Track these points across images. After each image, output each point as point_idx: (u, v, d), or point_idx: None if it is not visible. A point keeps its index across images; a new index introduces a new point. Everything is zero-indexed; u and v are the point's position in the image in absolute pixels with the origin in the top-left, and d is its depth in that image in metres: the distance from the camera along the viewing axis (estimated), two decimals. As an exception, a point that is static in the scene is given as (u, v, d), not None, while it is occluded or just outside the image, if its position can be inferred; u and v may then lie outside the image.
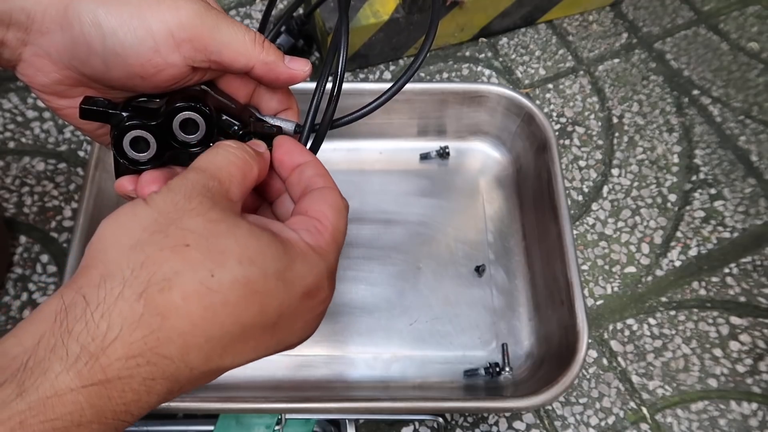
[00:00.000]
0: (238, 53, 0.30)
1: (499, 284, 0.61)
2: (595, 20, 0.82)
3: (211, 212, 0.24)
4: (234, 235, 0.23)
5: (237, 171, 0.27)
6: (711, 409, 0.57)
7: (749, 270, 0.65)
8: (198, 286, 0.22)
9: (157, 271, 0.22)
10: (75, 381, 0.20)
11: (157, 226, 0.23)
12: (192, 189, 0.25)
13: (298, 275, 0.25)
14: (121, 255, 0.22)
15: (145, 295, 0.21)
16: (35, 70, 0.30)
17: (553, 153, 0.60)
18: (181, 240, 0.22)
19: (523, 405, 0.49)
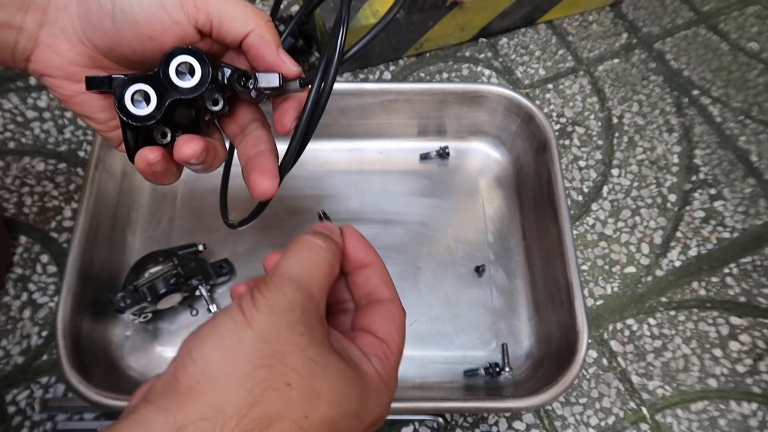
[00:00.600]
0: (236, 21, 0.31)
1: (499, 284, 0.61)
2: (595, 20, 0.82)
3: (309, 349, 0.25)
4: (327, 378, 0.25)
5: (325, 279, 0.28)
6: (711, 409, 0.57)
7: (749, 270, 0.65)
8: (293, 425, 0.24)
9: (263, 412, 0.23)
10: None
11: (262, 360, 0.24)
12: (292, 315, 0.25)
13: (371, 411, 0.27)
14: (232, 390, 0.23)
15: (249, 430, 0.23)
16: (51, 52, 0.32)
17: (552, 153, 0.60)
18: (283, 378, 0.24)
19: (523, 405, 0.49)
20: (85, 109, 0.34)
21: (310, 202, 0.64)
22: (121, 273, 0.58)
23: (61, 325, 0.50)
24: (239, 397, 0.23)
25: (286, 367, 0.24)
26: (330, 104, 0.44)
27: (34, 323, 0.59)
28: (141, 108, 0.31)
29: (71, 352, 0.50)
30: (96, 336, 0.55)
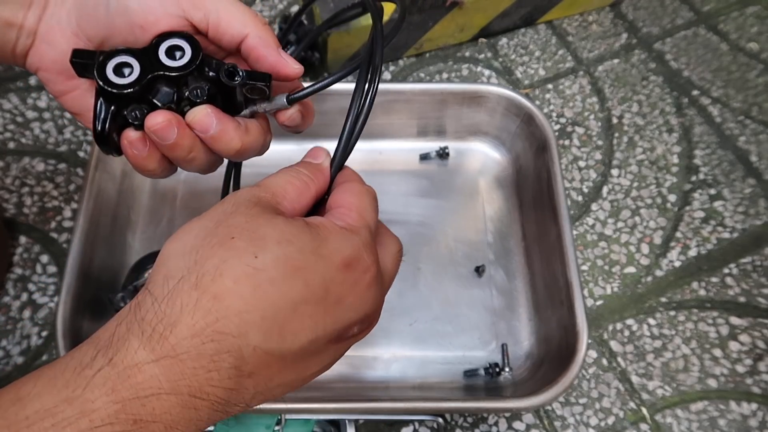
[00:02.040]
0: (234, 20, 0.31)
1: (498, 285, 0.61)
2: (595, 20, 0.82)
3: (253, 208, 0.26)
4: (271, 223, 0.26)
5: (292, 189, 0.29)
6: (711, 410, 0.57)
7: (749, 270, 0.65)
8: (245, 267, 0.24)
9: (207, 263, 0.24)
10: (150, 355, 0.23)
11: (207, 231, 0.26)
12: (241, 197, 0.27)
13: (333, 249, 0.26)
14: (179, 259, 0.25)
15: (198, 284, 0.24)
16: (46, 46, 0.32)
17: (552, 153, 0.60)
18: (227, 235, 0.25)
19: (523, 405, 0.49)
20: (78, 105, 0.34)
21: (310, 202, 0.64)
22: (121, 273, 0.58)
23: (61, 326, 0.50)
24: (185, 261, 0.25)
25: (229, 227, 0.26)
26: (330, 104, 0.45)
27: (34, 323, 0.59)
28: (121, 78, 0.30)
29: (71, 353, 0.50)
30: (96, 336, 0.55)
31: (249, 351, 0.24)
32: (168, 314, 0.23)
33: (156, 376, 0.23)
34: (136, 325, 0.23)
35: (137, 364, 0.23)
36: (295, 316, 0.25)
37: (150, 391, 0.22)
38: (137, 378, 0.22)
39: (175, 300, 0.24)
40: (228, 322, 0.24)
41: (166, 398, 0.23)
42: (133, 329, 0.23)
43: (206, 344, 0.23)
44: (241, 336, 0.24)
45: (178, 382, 0.23)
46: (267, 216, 0.26)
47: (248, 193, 0.28)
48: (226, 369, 0.24)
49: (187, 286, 0.24)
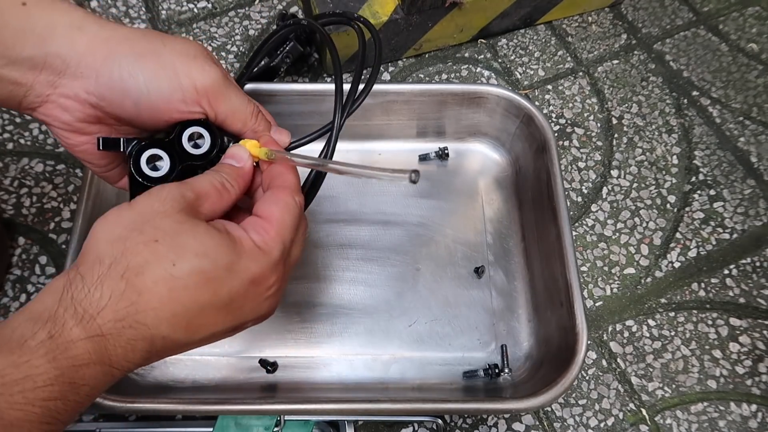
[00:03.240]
0: (238, 121, 0.37)
1: (498, 285, 0.61)
2: (595, 21, 0.82)
3: (178, 215, 0.30)
4: (193, 233, 0.30)
5: (213, 191, 0.33)
6: (710, 411, 0.57)
7: (749, 271, 0.64)
8: (164, 273, 0.29)
9: (132, 260, 0.28)
10: (82, 333, 0.27)
11: (134, 225, 0.30)
12: (168, 195, 0.31)
13: (244, 267, 0.31)
14: (108, 245, 0.29)
15: (125, 275, 0.28)
16: (61, 110, 0.35)
17: (552, 154, 0.60)
18: (152, 236, 0.29)
19: (523, 406, 0.49)
20: (87, 156, 0.37)
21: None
22: (119, 274, 0.58)
23: (59, 327, 0.50)
24: (112, 250, 0.29)
25: (156, 229, 0.29)
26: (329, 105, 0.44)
27: (32, 324, 0.58)
28: (155, 171, 0.36)
29: (70, 354, 0.50)
30: (94, 337, 0.55)
31: (159, 339, 0.29)
32: (97, 298, 0.28)
33: (87, 350, 0.28)
34: (72, 307, 0.28)
35: (73, 339, 0.27)
36: (200, 316, 0.30)
37: (82, 361, 0.27)
38: (73, 351, 0.27)
39: (104, 286, 0.28)
40: (145, 315, 0.28)
41: (93, 367, 0.28)
42: (69, 310, 0.28)
43: (126, 329, 0.28)
44: (154, 327, 0.29)
45: (103, 356, 0.28)
46: (191, 223, 0.30)
47: (176, 192, 0.31)
48: (139, 350, 0.29)
49: (114, 274, 0.28)
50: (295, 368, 0.56)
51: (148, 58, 0.34)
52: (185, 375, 0.56)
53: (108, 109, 0.35)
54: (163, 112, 0.35)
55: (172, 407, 0.49)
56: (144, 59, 0.34)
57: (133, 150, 0.35)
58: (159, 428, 0.54)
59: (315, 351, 0.57)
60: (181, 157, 0.36)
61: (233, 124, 0.37)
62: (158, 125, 0.36)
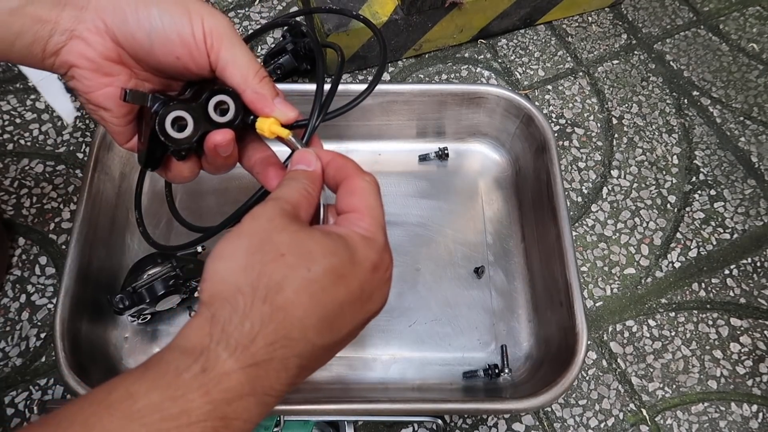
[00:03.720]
0: (237, 73, 0.36)
1: (498, 286, 0.61)
2: (595, 21, 0.82)
3: (291, 226, 0.31)
4: (313, 239, 0.30)
5: (305, 200, 0.34)
6: (711, 411, 0.57)
7: (749, 271, 0.64)
8: (302, 281, 0.29)
9: (269, 280, 0.29)
10: (235, 364, 0.27)
11: (255, 249, 0.30)
12: (272, 212, 0.31)
13: (364, 257, 0.31)
14: (240, 275, 0.29)
15: (268, 298, 0.28)
16: (85, 45, 0.35)
17: (552, 154, 0.60)
18: (276, 252, 0.29)
19: (523, 406, 0.49)
20: (106, 101, 0.37)
21: (309, 203, 0.64)
22: (119, 274, 0.58)
23: (59, 327, 0.50)
24: (247, 277, 0.29)
25: (276, 244, 0.30)
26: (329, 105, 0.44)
27: (32, 325, 0.58)
28: (179, 132, 0.36)
29: (70, 354, 0.50)
30: (94, 337, 0.55)
31: (309, 349, 0.29)
32: (248, 328, 0.28)
33: (241, 382, 0.27)
34: (223, 338, 0.28)
35: (226, 372, 0.27)
36: (341, 314, 0.30)
37: (236, 393, 0.27)
38: (226, 384, 0.27)
39: (252, 314, 0.28)
40: (293, 329, 0.29)
41: (246, 399, 0.28)
42: (221, 344, 0.28)
43: (278, 350, 0.28)
44: (304, 338, 0.29)
45: (256, 385, 0.28)
46: (305, 231, 0.31)
47: (276, 208, 0.32)
48: (292, 368, 0.29)
49: (258, 300, 0.28)
50: (295, 368, 0.56)
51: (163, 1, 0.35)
52: (185, 375, 0.56)
53: (124, 43, 0.35)
54: (177, 45, 0.35)
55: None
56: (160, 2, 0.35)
57: (159, 108, 0.35)
58: (159, 429, 0.54)
59: (315, 351, 0.57)
60: (206, 122, 0.36)
61: (233, 76, 0.36)
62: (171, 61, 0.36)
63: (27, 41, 0.35)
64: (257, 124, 0.38)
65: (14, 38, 0.35)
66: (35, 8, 0.34)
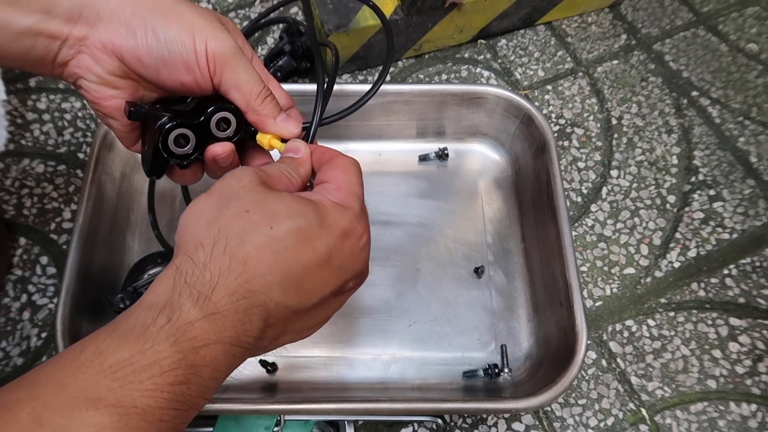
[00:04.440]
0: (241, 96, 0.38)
1: (498, 286, 0.61)
2: (594, 21, 0.82)
3: (259, 186, 0.32)
4: (280, 200, 0.31)
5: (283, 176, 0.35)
6: (710, 411, 0.57)
7: (748, 271, 0.65)
8: (264, 238, 0.30)
9: (230, 233, 0.30)
10: (199, 313, 0.28)
11: (221, 204, 0.31)
12: (243, 173, 0.33)
13: (333, 222, 0.32)
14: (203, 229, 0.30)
15: (228, 250, 0.29)
16: (93, 62, 0.36)
17: (552, 154, 0.60)
18: (241, 208, 0.30)
19: (522, 406, 0.49)
20: (113, 112, 0.38)
21: (310, 203, 0.64)
22: (120, 274, 0.58)
23: (60, 327, 0.50)
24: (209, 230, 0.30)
25: (242, 201, 0.31)
26: (329, 105, 0.45)
27: (33, 325, 0.59)
28: (180, 148, 0.38)
29: (70, 354, 0.50)
30: (95, 337, 0.55)
31: (272, 306, 0.30)
32: (209, 278, 0.29)
33: (206, 330, 0.28)
34: (186, 290, 0.28)
35: (191, 321, 0.28)
36: (307, 277, 0.31)
37: (202, 342, 0.28)
38: (192, 333, 0.28)
39: (212, 265, 0.29)
40: (255, 282, 0.29)
41: (213, 347, 0.28)
42: (184, 293, 0.28)
43: (240, 301, 0.29)
44: (266, 293, 0.29)
45: (222, 334, 0.28)
46: (273, 192, 0.32)
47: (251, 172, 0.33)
48: (256, 320, 0.29)
49: (218, 252, 0.29)
50: (295, 368, 0.56)
51: (170, 18, 0.36)
52: (186, 375, 0.56)
53: (132, 64, 0.36)
54: (182, 72, 0.36)
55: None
56: (167, 18, 0.36)
57: (163, 126, 0.37)
58: (159, 428, 0.54)
59: (315, 351, 0.57)
60: (206, 137, 0.38)
61: (236, 99, 0.38)
62: (176, 85, 0.37)
63: (39, 54, 0.36)
64: (258, 137, 0.40)
65: (27, 52, 0.36)
66: (49, 25, 0.35)
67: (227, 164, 0.40)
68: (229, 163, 0.40)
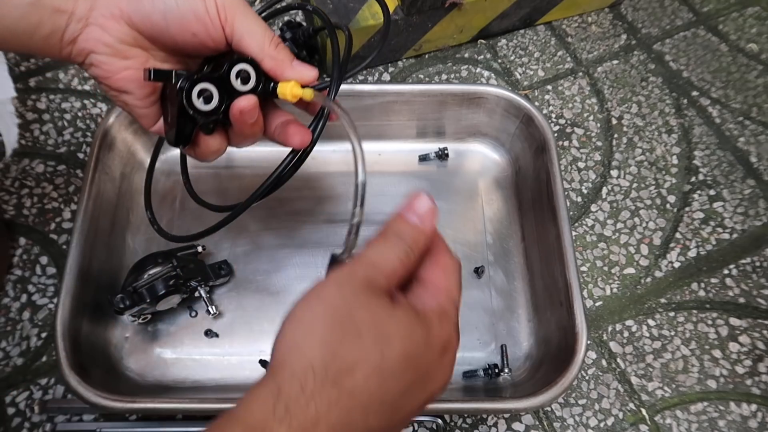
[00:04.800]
0: (254, 43, 0.37)
1: (498, 286, 0.61)
2: (594, 21, 0.82)
3: (372, 304, 0.30)
4: (392, 319, 0.29)
5: (402, 268, 0.32)
6: (710, 411, 0.57)
7: (748, 271, 0.65)
8: (374, 367, 0.28)
9: (342, 363, 0.28)
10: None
11: (334, 323, 0.29)
12: (358, 284, 0.30)
13: (436, 336, 0.31)
14: (317, 350, 0.28)
15: (338, 382, 0.28)
16: (101, 31, 0.36)
17: (552, 154, 0.60)
18: (356, 332, 0.29)
19: (522, 406, 0.49)
20: (127, 84, 0.38)
21: (309, 203, 0.64)
22: (120, 274, 0.58)
23: (60, 327, 0.50)
24: (321, 353, 0.28)
25: (356, 323, 0.29)
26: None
27: (33, 325, 0.59)
28: (205, 104, 0.37)
29: (70, 354, 0.50)
30: (95, 337, 0.55)
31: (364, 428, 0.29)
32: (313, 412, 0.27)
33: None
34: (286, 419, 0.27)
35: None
36: (404, 397, 0.30)
37: None
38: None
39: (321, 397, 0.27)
40: (356, 413, 0.28)
41: None
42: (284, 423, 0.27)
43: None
44: (363, 423, 0.28)
45: None
46: (387, 310, 0.30)
47: (362, 276, 0.30)
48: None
49: (329, 383, 0.28)
50: (295, 368, 0.56)
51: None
52: (185, 375, 0.56)
53: (141, 25, 0.36)
54: (192, 22, 0.36)
55: (172, 407, 0.49)
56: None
57: (184, 84, 0.36)
58: (159, 428, 0.54)
59: (315, 351, 0.57)
60: (229, 92, 0.37)
61: (250, 46, 0.37)
62: (188, 38, 0.37)
63: (45, 32, 0.36)
64: (278, 89, 0.38)
65: (33, 29, 0.35)
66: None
67: (253, 120, 0.39)
68: (255, 119, 0.39)
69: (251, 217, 0.63)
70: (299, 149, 0.42)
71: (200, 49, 0.38)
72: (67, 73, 0.73)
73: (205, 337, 0.57)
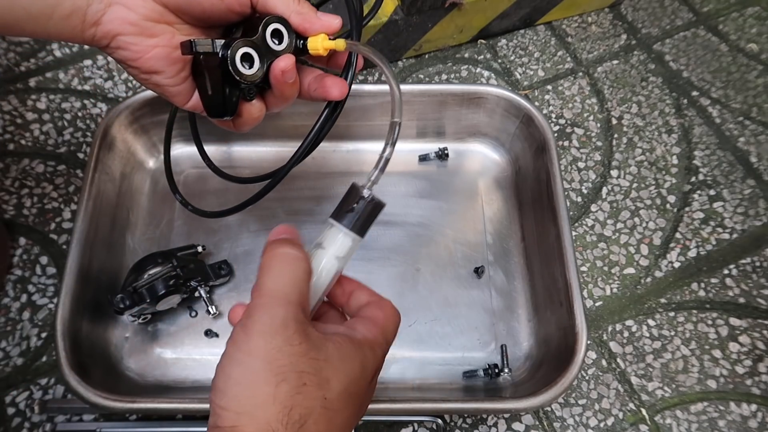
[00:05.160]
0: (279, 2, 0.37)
1: (498, 286, 0.61)
2: (594, 21, 0.82)
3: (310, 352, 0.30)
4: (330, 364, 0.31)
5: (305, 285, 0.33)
6: (710, 411, 0.57)
7: (748, 271, 0.65)
8: (321, 411, 0.30)
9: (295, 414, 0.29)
10: None
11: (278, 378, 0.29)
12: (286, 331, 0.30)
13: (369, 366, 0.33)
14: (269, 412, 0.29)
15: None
16: (125, 10, 0.35)
17: (552, 154, 0.60)
18: (300, 382, 0.29)
19: (522, 406, 0.49)
20: (157, 63, 0.37)
21: (309, 203, 0.64)
22: (120, 274, 0.58)
23: (60, 327, 0.50)
24: (275, 412, 0.28)
25: (299, 373, 0.29)
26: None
27: (33, 325, 0.59)
28: (248, 69, 0.36)
29: (70, 354, 0.50)
30: (95, 337, 0.55)
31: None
32: None
33: None
34: None
35: None
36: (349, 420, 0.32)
37: None
38: None
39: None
40: None
41: None
42: None
43: None
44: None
45: None
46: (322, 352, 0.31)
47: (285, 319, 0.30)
48: None
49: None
50: (295, 368, 0.56)
51: None
52: (185, 375, 0.56)
53: None
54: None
55: (172, 407, 0.49)
56: None
57: (226, 51, 0.35)
58: (159, 428, 0.54)
59: (315, 351, 0.57)
60: (267, 53, 0.37)
61: (276, 4, 0.37)
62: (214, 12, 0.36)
63: (65, 13, 0.34)
64: (309, 44, 0.38)
65: (51, 10, 0.34)
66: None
67: (293, 80, 0.38)
68: (294, 79, 0.38)
69: (251, 217, 0.63)
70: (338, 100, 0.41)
71: (226, 15, 0.37)
72: (67, 73, 0.73)
73: (205, 337, 0.57)
